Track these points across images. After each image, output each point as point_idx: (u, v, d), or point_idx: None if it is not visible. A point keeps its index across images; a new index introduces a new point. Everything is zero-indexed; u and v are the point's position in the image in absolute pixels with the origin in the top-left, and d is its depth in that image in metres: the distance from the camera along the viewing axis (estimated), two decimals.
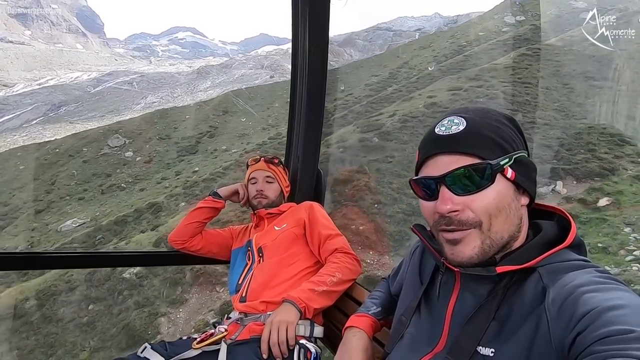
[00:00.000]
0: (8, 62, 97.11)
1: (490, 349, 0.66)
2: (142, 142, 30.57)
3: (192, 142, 30.26)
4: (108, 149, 29.82)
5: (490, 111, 0.75)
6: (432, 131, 0.74)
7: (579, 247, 0.71)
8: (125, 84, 75.26)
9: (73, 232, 19.05)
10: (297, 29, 1.77)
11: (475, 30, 32.30)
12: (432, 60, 30.98)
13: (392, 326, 0.92)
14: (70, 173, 27.14)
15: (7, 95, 71.26)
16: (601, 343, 0.51)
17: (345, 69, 39.69)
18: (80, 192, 25.27)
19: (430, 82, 22.28)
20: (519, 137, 0.74)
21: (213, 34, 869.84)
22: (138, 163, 28.30)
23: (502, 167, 0.69)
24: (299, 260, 1.56)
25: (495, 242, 0.69)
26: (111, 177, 26.72)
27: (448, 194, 0.70)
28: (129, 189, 25.12)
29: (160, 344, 1.38)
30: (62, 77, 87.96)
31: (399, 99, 21.49)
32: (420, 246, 0.96)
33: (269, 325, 1.29)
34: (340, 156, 15.17)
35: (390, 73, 31.95)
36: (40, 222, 21.87)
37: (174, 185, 22.53)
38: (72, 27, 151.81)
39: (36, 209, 23.35)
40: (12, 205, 23.92)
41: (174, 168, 26.93)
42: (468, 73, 20.58)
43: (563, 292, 0.61)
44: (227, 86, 56.85)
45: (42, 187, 25.77)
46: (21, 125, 55.61)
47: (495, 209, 0.68)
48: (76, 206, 23.58)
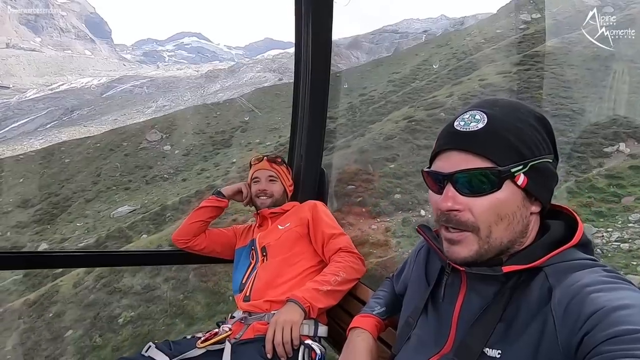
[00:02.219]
0: (20, 69, 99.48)
1: (497, 350, 0.65)
2: (178, 137, 32.00)
3: (225, 137, 31.51)
4: (147, 143, 31.31)
5: (520, 108, 0.71)
6: (452, 124, 0.72)
7: (586, 246, 0.70)
8: (136, 88, 76.62)
9: (126, 217, 20.64)
10: (301, 30, 1.78)
11: (491, 28, 32.44)
12: (451, 57, 31.30)
13: (399, 327, 0.91)
14: (113, 165, 28.69)
15: (20, 100, 73.23)
16: (609, 343, 0.51)
17: (365, 66, 40.61)
18: (126, 183, 26.80)
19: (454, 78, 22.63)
20: (545, 141, 0.71)
21: (218, 38, 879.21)
22: (177, 156, 29.69)
23: (513, 174, 0.67)
24: (303, 259, 1.56)
25: (493, 247, 0.69)
26: (153, 168, 28.23)
27: (452, 192, 0.69)
28: (172, 179, 26.58)
29: (165, 343, 1.38)
30: (72, 82, 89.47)
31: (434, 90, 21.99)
32: (425, 246, 0.95)
33: (274, 325, 1.28)
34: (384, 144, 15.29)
35: (411, 70, 32.59)
36: (91, 210, 23.52)
37: (215, 176, 23.96)
38: (81, 34, 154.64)
39: (86, 198, 24.96)
40: (63, 195, 25.47)
41: (212, 160, 28.23)
42: (512, 59, 20.42)
43: (569, 292, 0.60)
44: (236, 89, 57.77)
45: (88, 179, 27.30)
46: (36, 129, 57.20)
47: (496, 216, 0.67)
48: (123, 195, 25.10)
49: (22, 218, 23.11)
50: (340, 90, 28.93)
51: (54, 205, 24.51)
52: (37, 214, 23.64)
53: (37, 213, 23.69)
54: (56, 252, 1.62)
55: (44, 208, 24.23)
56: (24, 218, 23.12)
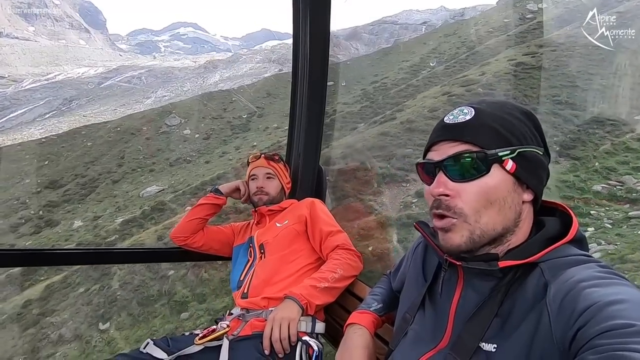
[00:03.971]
0: (15, 58, 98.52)
1: (492, 345, 0.66)
2: (197, 121, 33.14)
3: (243, 121, 33.02)
4: (166, 127, 32.55)
5: (506, 104, 0.75)
6: (442, 119, 0.76)
7: (581, 242, 0.71)
8: (134, 78, 76.04)
9: (155, 197, 21.55)
10: (298, 24, 1.76)
11: (498, 18, 32.68)
12: (460, 46, 32.04)
13: (396, 323, 0.92)
14: (136, 148, 29.84)
15: (17, 90, 72.81)
16: (602, 337, 0.51)
17: (375, 55, 41.72)
18: (150, 165, 27.99)
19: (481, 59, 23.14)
20: (534, 134, 0.73)
21: (215, 29, 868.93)
22: (197, 139, 30.76)
23: (501, 158, 0.69)
24: (301, 256, 1.56)
25: (486, 233, 0.70)
26: (175, 152, 29.36)
27: (443, 178, 0.72)
28: (195, 161, 27.56)
29: (163, 339, 1.39)
30: (69, 72, 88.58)
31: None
32: (422, 243, 0.96)
33: (271, 322, 1.29)
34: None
35: (421, 58, 33.36)
36: (119, 190, 24.62)
37: (237, 158, 24.85)
38: (75, 23, 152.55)
39: (112, 179, 26.16)
40: (90, 177, 26.60)
41: (232, 144, 29.47)
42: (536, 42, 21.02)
43: (564, 288, 0.61)
44: (236, 80, 57.83)
45: (113, 161, 28.37)
46: (34, 119, 57.35)
47: (485, 200, 0.69)
48: (149, 177, 26.22)
49: (53, 198, 24.17)
50: (337, 83, 29.25)
51: (81, 186, 25.68)
52: (67, 194, 24.73)
53: (66, 193, 24.76)
54: (52, 250, 1.61)
55: (72, 189, 25.32)
56: (54, 198, 24.19)
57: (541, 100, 15.23)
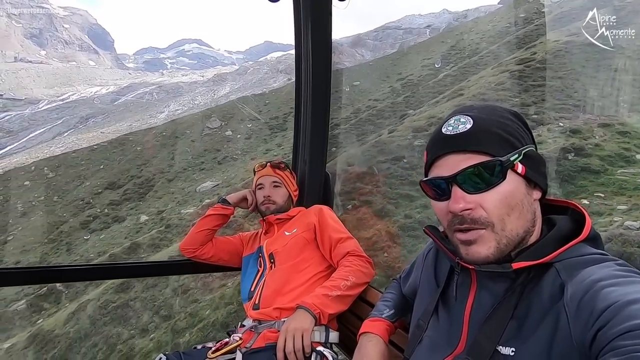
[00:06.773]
0: (30, 81, 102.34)
1: (510, 348, 0.64)
2: (236, 123, 35.24)
3: (279, 122, 34.58)
4: (209, 130, 34.65)
5: (496, 108, 0.75)
6: (439, 131, 0.73)
7: (595, 241, 0.69)
8: (145, 94, 78.49)
9: (211, 191, 23.56)
10: (300, 34, 1.77)
11: (515, 13, 33.29)
12: (479, 42, 33.05)
13: (410, 331, 0.90)
14: (183, 150, 32.02)
15: (34, 111, 75.93)
16: (623, 338, 0.50)
17: (396, 55, 43.91)
18: (199, 164, 29.84)
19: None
20: (525, 132, 0.74)
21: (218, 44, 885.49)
22: (239, 139, 32.89)
23: (513, 163, 0.68)
24: (311, 265, 1.55)
25: (511, 240, 0.69)
26: (220, 151, 31.36)
27: (460, 192, 0.69)
28: (241, 159, 29.57)
29: (175, 354, 1.38)
30: (82, 92, 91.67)
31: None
32: (433, 248, 0.94)
33: (284, 333, 1.27)
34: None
35: (442, 55, 34.58)
36: (175, 187, 26.55)
37: (282, 154, 25.98)
38: (84, 45, 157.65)
39: (167, 178, 28.10)
40: (145, 177, 28.64)
41: (272, 142, 31.28)
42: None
43: (582, 288, 0.59)
44: (246, 91, 59.36)
45: (164, 162, 30.46)
46: (54, 138, 59.78)
47: (507, 207, 0.68)
48: (200, 174, 28.05)
49: (114, 197, 26.32)
50: (341, 91, 30.41)
51: (139, 185, 27.61)
52: (127, 193, 26.67)
53: (126, 193, 26.74)
54: (65, 266, 1.63)
55: (130, 188, 27.22)
56: (116, 197, 26.30)
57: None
